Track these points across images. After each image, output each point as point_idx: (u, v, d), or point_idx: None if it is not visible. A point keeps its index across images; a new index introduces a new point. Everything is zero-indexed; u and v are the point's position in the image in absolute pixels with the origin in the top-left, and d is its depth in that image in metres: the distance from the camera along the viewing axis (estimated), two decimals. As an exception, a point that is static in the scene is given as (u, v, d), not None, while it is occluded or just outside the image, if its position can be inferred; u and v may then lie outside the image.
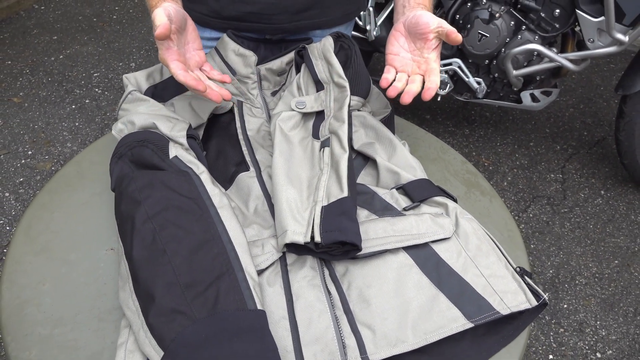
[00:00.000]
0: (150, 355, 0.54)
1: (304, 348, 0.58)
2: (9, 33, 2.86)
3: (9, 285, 0.67)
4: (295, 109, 0.79)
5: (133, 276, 0.59)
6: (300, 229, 0.62)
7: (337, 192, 0.66)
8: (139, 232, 0.60)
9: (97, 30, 2.93)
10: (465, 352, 0.63)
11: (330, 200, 0.65)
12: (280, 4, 0.88)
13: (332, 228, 0.62)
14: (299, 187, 0.68)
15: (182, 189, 0.65)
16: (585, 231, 1.95)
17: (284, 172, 0.70)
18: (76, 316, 0.64)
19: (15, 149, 2.15)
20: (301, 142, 0.76)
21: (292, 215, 0.64)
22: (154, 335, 0.53)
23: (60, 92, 2.47)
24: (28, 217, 0.75)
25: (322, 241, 0.61)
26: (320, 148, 0.74)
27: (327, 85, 0.80)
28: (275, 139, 0.75)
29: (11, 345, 0.61)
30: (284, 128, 0.77)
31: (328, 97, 0.79)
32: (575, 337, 1.61)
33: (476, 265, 0.67)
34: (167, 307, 0.55)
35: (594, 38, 1.71)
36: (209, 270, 0.58)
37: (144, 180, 0.65)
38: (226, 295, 0.56)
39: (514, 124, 2.44)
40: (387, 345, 0.59)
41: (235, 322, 0.54)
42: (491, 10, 1.80)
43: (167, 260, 0.58)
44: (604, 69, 2.80)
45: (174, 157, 0.69)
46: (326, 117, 0.78)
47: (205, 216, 0.63)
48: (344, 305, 0.63)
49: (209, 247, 0.60)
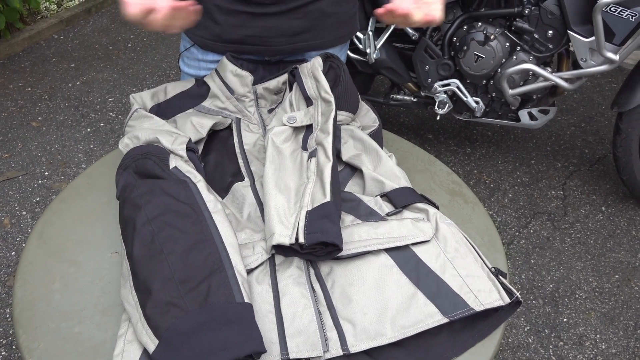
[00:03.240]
0: (147, 344, 0.59)
1: (288, 339, 0.63)
2: (29, 61, 3.00)
3: (22, 284, 0.73)
4: (286, 124, 0.86)
5: (133, 273, 0.65)
6: (286, 232, 0.68)
7: (321, 197, 0.72)
8: (139, 233, 0.67)
9: (113, 58, 3.06)
10: (441, 346, 0.68)
11: (314, 205, 0.71)
12: (278, 28, 0.95)
13: (314, 230, 0.67)
14: (287, 195, 0.74)
15: (179, 196, 0.71)
16: (586, 246, 1.97)
17: (273, 180, 0.76)
18: (82, 311, 0.70)
19: (33, 170, 2.25)
20: (292, 154, 0.83)
21: (279, 219, 0.70)
22: (150, 325, 0.59)
23: (76, 116, 2.59)
24: (41, 223, 0.82)
25: (305, 242, 0.66)
26: (307, 158, 0.80)
27: (315, 100, 0.87)
28: (268, 150, 0.82)
29: (22, 336, 0.67)
30: (276, 141, 0.83)
31: (316, 112, 0.86)
32: (575, 350, 1.62)
33: (454, 266, 0.72)
34: (162, 300, 0.60)
35: (586, 57, 1.77)
36: (202, 267, 0.64)
37: (145, 188, 0.72)
38: (216, 290, 0.62)
39: (516, 143, 2.48)
40: (367, 338, 0.64)
41: (224, 313, 0.60)
42: (486, 33, 1.86)
43: (163, 258, 0.64)
44: (605, 88, 2.84)
45: (174, 168, 0.76)
46: (314, 130, 0.84)
47: (200, 219, 0.69)
48: (328, 301, 0.68)
49: (202, 246, 0.66)
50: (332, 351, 0.63)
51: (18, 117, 2.56)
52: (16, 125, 2.50)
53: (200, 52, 1.02)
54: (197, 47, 1.02)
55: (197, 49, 1.02)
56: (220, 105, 0.95)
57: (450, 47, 1.96)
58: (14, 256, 1.87)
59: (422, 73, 2.00)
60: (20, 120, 2.54)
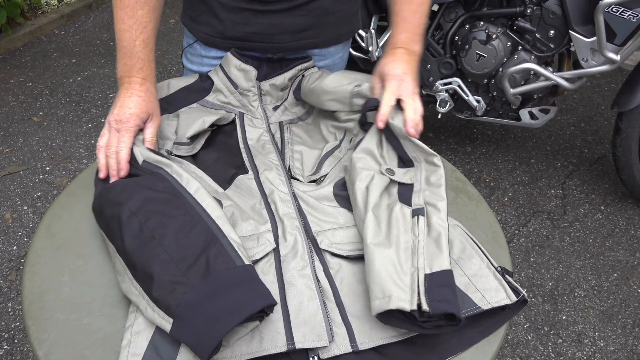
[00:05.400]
0: (162, 325, 0.60)
1: (294, 329, 0.63)
2: (30, 56, 3.00)
3: (30, 276, 0.74)
4: (385, 174, 0.80)
5: (129, 265, 0.65)
6: (405, 296, 0.62)
7: (439, 262, 0.67)
8: (126, 226, 0.67)
9: (114, 54, 3.06)
10: (448, 342, 0.69)
11: (433, 270, 0.66)
12: (281, 25, 0.96)
13: (439, 299, 0.62)
14: (396, 249, 0.68)
15: (157, 187, 0.71)
16: (585, 245, 1.98)
17: (374, 230, 0.70)
18: (91, 303, 0.70)
19: (34, 165, 2.25)
20: (388, 206, 0.77)
21: (392, 279, 0.63)
22: (161, 307, 0.60)
23: (77, 111, 2.59)
24: (49, 216, 0.83)
25: (430, 310, 0.60)
26: (412, 215, 0.74)
27: (417, 163, 0.82)
28: (370, 197, 0.75)
29: (32, 328, 0.67)
30: (371, 189, 0.76)
31: (419, 174, 0.81)
32: (573, 348, 1.63)
33: (460, 266, 0.73)
34: (166, 280, 0.61)
35: (588, 57, 1.78)
36: (196, 244, 0.65)
37: (119, 187, 0.72)
38: (215, 260, 0.63)
39: (515, 142, 2.49)
40: (376, 335, 0.65)
41: (229, 278, 0.61)
42: (488, 32, 1.87)
43: (157, 244, 0.64)
44: (604, 88, 2.85)
45: (144, 162, 0.76)
46: (417, 190, 0.79)
47: (183, 202, 0.69)
48: (336, 298, 0.69)
49: (191, 225, 0.67)
50: (341, 347, 0.64)
51: (19, 112, 2.56)
52: (17, 120, 2.50)
53: (203, 48, 1.02)
54: (200, 43, 1.02)
55: (200, 45, 1.02)
56: (224, 99, 0.96)
57: (452, 46, 1.97)
58: (16, 250, 1.88)
59: (423, 72, 2.01)
60: (21, 115, 2.55)
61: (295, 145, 0.91)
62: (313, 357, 0.62)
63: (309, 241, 0.74)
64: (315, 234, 0.75)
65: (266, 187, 0.81)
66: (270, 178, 0.82)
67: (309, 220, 0.77)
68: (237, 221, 0.76)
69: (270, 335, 0.63)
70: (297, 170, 0.87)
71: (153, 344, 0.62)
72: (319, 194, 0.82)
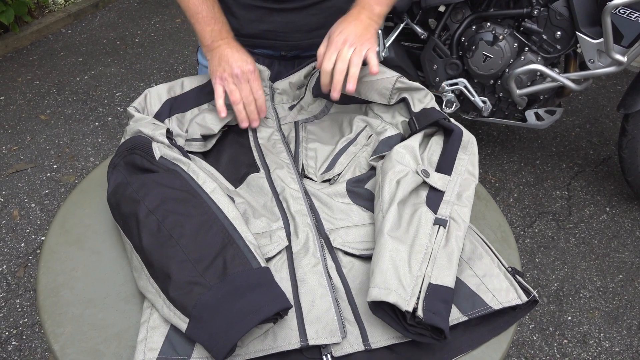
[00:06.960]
0: (178, 325, 0.61)
1: (307, 326, 0.64)
2: (37, 55, 3.02)
3: (45, 271, 0.75)
4: (420, 175, 0.79)
5: (147, 263, 0.66)
6: (404, 295, 0.63)
7: (446, 277, 0.67)
8: (144, 225, 0.68)
9: (120, 53, 3.08)
10: (458, 340, 0.69)
11: (437, 282, 0.66)
12: (295, 24, 0.97)
13: (434, 310, 0.62)
14: (408, 248, 0.68)
15: (174, 184, 0.72)
16: (590, 246, 1.99)
17: (394, 223, 0.71)
18: (105, 299, 0.71)
19: (42, 163, 2.26)
20: (414, 205, 0.76)
21: (397, 275, 0.64)
22: (177, 306, 0.61)
23: (84, 110, 2.60)
24: (63, 213, 0.84)
25: (423, 319, 0.61)
26: (434, 223, 0.73)
27: (455, 175, 0.81)
28: (398, 191, 0.75)
29: (47, 322, 0.68)
30: (402, 184, 0.76)
31: (453, 184, 0.80)
32: (578, 349, 1.63)
33: (470, 267, 0.74)
34: (183, 281, 0.62)
35: (594, 59, 1.78)
36: (213, 244, 0.66)
37: (137, 183, 0.72)
38: (232, 261, 0.64)
39: (521, 143, 2.49)
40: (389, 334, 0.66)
41: (245, 280, 0.62)
42: (495, 33, 1.88)
43: (174, 243, 0.65)
44: (610, 90, 2.85)
45: (161, 158, 0.76)
46: (447, 200, 0.77)
47: (200, 202, 0.70)
48: (349, 296, 0.69)
49: (208, 225, 0.68)
50: (354, 346, 0.64)
51: (27, 110, 2.58)
52: (25, 118, 2.52)
53: None
54: None
55: None
56: None
57: (458, 46, 1.97)
58: (24, 247, 1.89)
59: (430, 72, 2.01)
60: (28, 113, 2.56)
61: (309, 143, 0.92)
62: (326, 355, 0.63)
63: (321, 238, 0.75)
64: (328, 232, 0.76)
65: (277, 185, 0.81)
66: (281, 176, 0.83)
67: (322, 217, 0.78)
68: (249, 218, 0.76)
69: (283, 333, 0.63)
70: (310, 169, 0.87)
71: (169, 339, 0.63)
72: (331, 190, 0.82)
